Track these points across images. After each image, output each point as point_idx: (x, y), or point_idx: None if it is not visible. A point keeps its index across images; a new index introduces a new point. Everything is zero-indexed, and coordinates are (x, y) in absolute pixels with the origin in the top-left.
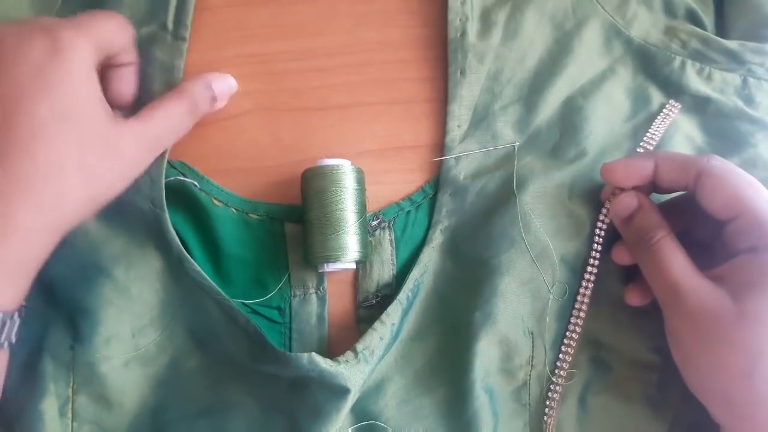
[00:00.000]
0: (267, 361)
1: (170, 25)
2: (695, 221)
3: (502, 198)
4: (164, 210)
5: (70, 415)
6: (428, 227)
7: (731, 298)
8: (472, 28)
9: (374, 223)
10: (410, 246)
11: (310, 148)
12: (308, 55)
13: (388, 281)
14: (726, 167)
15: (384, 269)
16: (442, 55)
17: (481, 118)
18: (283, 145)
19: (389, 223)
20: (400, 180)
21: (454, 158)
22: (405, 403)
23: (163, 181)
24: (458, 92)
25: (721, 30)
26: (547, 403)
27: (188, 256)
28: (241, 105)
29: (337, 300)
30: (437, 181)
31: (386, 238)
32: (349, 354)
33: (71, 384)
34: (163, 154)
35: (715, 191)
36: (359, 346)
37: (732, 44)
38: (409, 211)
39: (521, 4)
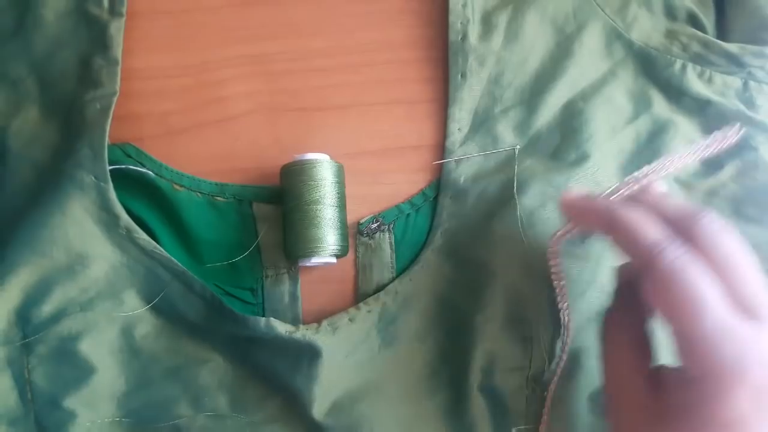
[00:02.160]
0: (225, 324)
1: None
2: None
3: (503, 201)
4: (108, 182)
5: (29, 396)
6: (429, 230)
7: (655, 415)
8: (473, 31)
9: (374, 225)
10: (410, 249)
11: (310, 149)
12: (308, 55)
13: (388, 284)
14: (677, 267)
15: (384, 272)
16: (444, 56)
17: (481, 122)
18: (283, 146)
19: (389, 226)
20: (402, 180)
21: (455, 161)
22: (405, 406)
23: (106, 153)
24: (459, 95)
25: (722, 33)
26: (545, 404)
27: (136, 226)
28: (241, 105)
29: (337, 302)
30: (437, 184)
31: (386, 241)
32: (312, 325)
33: (26, 366)
34: (105, 123)
35: (654, 290)
36: (324, 322)
37: (732, 47)
38: (409, 214)
39: (522, 7)
